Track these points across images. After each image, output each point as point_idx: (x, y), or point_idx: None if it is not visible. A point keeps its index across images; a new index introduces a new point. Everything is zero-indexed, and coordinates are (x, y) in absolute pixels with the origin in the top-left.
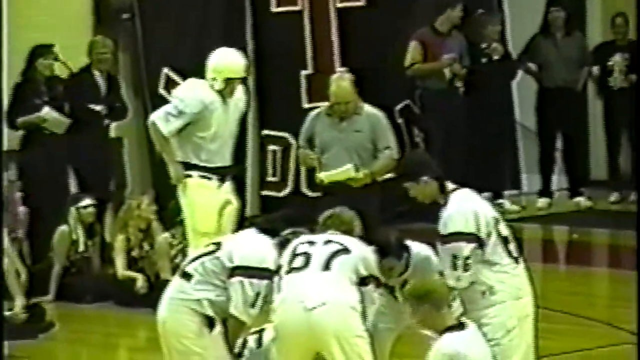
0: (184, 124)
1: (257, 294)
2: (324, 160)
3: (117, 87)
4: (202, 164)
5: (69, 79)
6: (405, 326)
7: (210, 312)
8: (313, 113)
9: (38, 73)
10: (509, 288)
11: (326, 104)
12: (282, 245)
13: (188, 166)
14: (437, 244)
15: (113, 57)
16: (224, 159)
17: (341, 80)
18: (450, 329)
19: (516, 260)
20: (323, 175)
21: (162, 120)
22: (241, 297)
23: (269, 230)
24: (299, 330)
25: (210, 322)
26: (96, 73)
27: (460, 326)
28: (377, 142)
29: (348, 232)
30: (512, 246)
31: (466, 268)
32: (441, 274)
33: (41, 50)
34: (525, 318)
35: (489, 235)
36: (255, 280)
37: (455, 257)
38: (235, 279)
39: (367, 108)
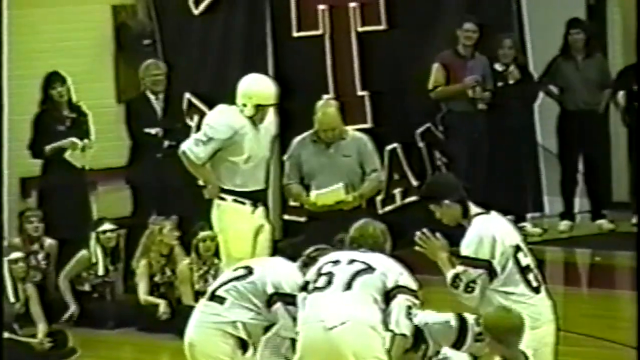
0: (215, 150)
1: (295, 319)
2: (313, 188)
3: (176, 108)
4: (236, 189)
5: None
6: None
7: (243, 334)
8: (296, 140)
9: (54, 101)
10: (525, 317)
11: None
12: (305, 265)
13: (221, 191)
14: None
15: (166, 80)
16: (258, 183)
17: (327, 107)
18: None
19: (536, 289)
20: (314, 195)
21: (192, 148)
22: (289, 321)
23: (292, 257)
24: (320, 349)
25: (242, 345)
26: (151, 97)
27: None
28: (364, 166)
29: (379, 250)
30: (531, 275)
31: (468, 290)
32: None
33: (51, 78)
34: (544, 347)
35: (504, 266)
36: (291, 307)
37: (459, 278)
38: (279, 305)
39: (352, 132)
